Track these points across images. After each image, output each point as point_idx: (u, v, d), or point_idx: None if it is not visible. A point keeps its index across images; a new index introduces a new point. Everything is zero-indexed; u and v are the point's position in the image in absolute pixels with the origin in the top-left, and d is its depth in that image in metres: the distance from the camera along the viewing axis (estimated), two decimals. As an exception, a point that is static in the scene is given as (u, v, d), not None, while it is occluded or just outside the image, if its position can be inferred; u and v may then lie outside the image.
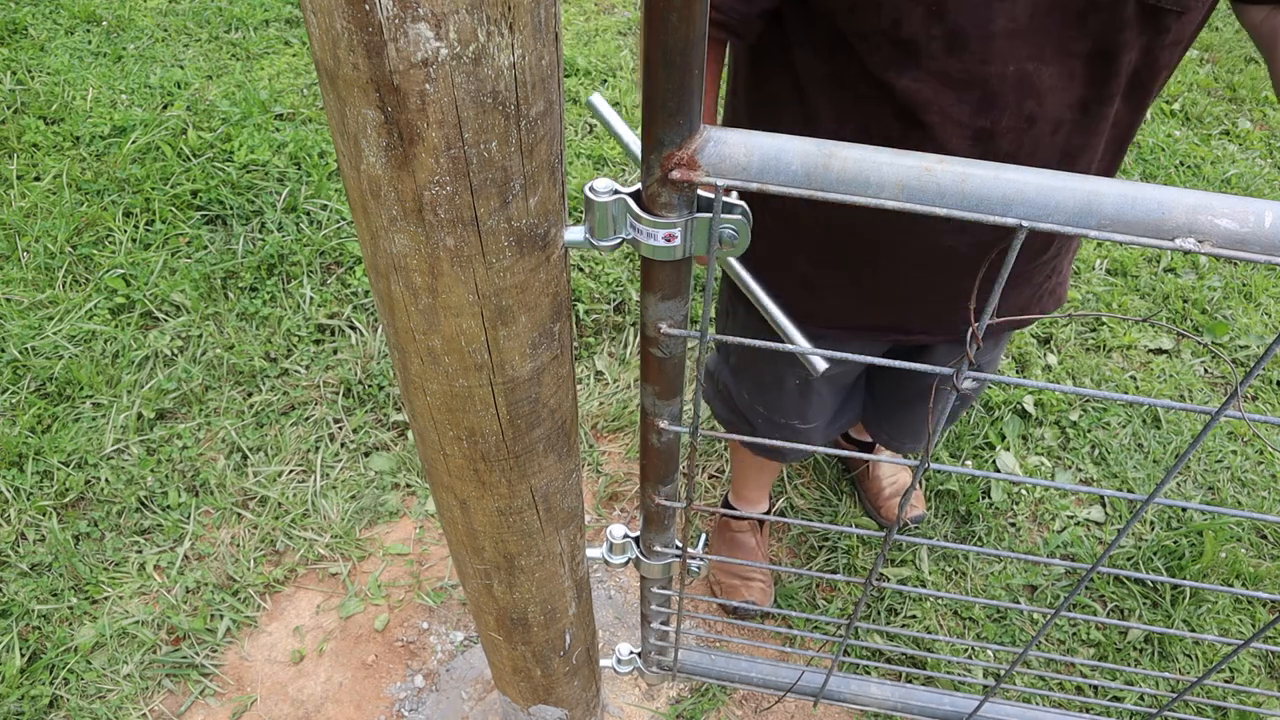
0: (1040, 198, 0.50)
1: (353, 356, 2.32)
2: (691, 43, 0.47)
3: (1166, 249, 0.49)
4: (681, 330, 0.65)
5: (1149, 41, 0.96)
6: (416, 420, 0.76)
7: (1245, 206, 0.49)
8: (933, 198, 0.51)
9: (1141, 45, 0.96)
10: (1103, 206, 0.50)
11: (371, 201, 0.56)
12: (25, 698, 1.73)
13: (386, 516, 2.04)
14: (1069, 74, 0.96)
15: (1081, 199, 0.50)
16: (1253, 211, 0.48)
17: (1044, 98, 0.98)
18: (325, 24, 0.47)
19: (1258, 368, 0.52)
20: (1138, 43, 0.96)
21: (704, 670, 1.16)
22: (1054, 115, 0.99)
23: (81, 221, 2.59)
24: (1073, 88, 0.98)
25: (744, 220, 0.56)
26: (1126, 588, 1.94)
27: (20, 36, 3.35)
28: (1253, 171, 3.05)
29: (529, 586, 0.94)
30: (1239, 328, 2.52)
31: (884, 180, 0.51)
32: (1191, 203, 0.49)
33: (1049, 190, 0.50)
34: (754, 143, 0.53)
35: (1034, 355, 2.41)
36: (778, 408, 1.47)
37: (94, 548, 1.96)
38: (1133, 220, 0.50)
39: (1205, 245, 0.49)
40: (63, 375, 2.22)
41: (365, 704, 1.76)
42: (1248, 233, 0.49)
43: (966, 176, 0.50)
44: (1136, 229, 0.50)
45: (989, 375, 0.55)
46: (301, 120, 3.03)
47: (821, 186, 0.52)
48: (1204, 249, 0.49)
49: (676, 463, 0.82)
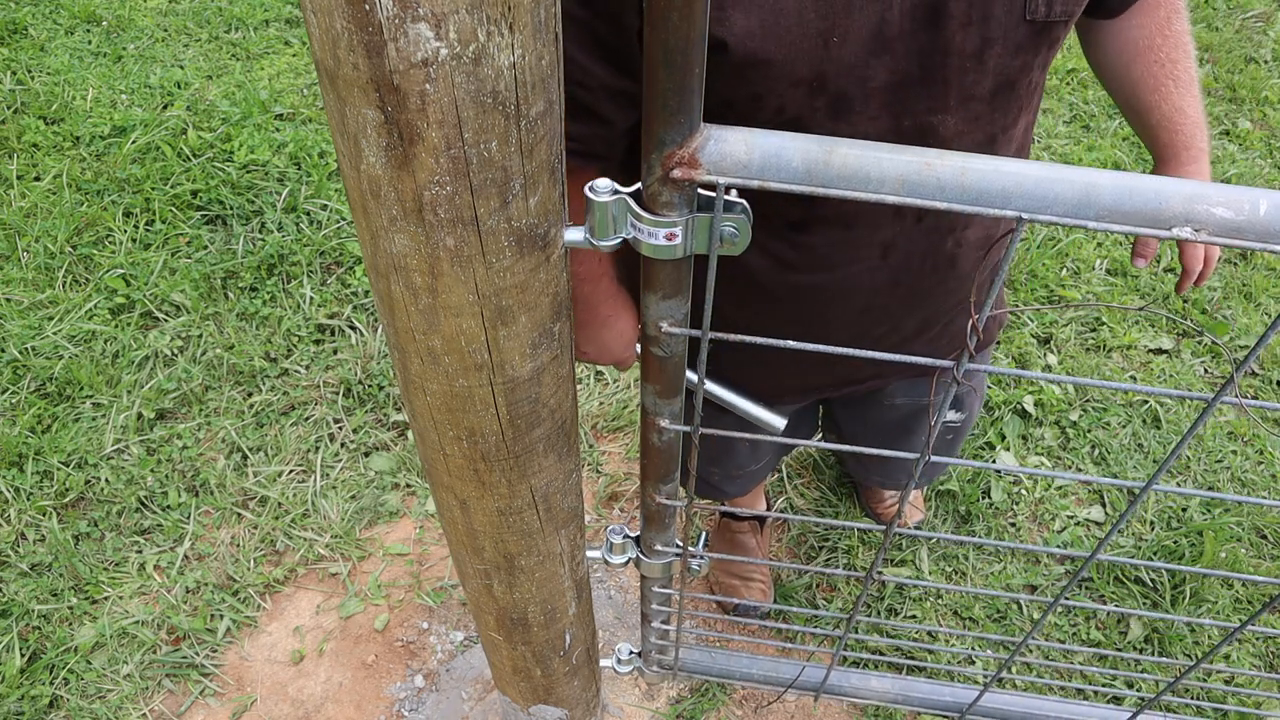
0: (1039, 190, 0.50)
1: (353, 356, 2.32)
2: (692, 42, 0.47)
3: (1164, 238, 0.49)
4: (682, 329, 0.65)
5: (1043, 57, 0.94)
6: (416, 420, 0.76)
7: (1240, 195, 0.49)
8: (933, 191, 0.51)
9: (1038, 64, 0.94)
10: (1101, 197, 0.50)
11: (371, 201, 0.56)
12: (25, 698, 1.73)
13: (386, 516, 2.04)
14: (973, 117, 0.93)
15: (1080, 190, 0.50)
16: (1247, 200, 0.49)
17: (950, 144, 0.94)
18: (325, 24, 0.47)
19: (1254, 352, 0.52)
20: (1034, 62, 0.93)
21: (705, 668, 1.16)
22: None
23: (81, 221, 2.59)
24: (978, 128, 0.95)
25: (745, 219, 0.56)
26: (1126, 587, 1.94)
27: (20, 36, 3.35)
28: (1252, 171, 3.05)
29: (529, 586, 0.94)
30: (1239, 328, 2.52)
31: (884, 175, 0.51)
32: (1188, 192, 0.49)
33: (1047, 182, 0.50)
34: (755, 140, 0.53)
35: (1034, 355, 2.41)
36: (730, 465, 1.52)
37: (94, 548, 1.96)
38: (1130, 211, 0.50)
39: (1202, 234, 0.49)
40: (63, 375, 2.22)
41: (365, 704, 1.76)
42: (1243, 220, 0.49)
43: (966, 170, 0.51)
44: (1134, 219, 0.50)
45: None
46: (301, 120, 3.03)
47: (822, 183, 0.52)
48: (1200, 238, 0.49)
49: (677, 462, 0.82)
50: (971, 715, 1.11)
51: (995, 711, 1.11)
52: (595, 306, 1.10)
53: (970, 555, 1.99)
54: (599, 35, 0.86)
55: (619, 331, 1.14)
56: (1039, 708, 1.12)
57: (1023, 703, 1.11)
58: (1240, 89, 3.39)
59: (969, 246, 1.07)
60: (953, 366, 0.61)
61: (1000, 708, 1.11)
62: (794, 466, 2.15)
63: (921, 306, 1.13)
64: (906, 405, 1.38)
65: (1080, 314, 2.52)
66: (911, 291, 1.09)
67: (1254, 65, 3.52)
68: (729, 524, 1.95)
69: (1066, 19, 0.92)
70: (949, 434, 1.52)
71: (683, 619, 1.05)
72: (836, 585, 1.95)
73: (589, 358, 1.16)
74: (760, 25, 0.83)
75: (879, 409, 1.40)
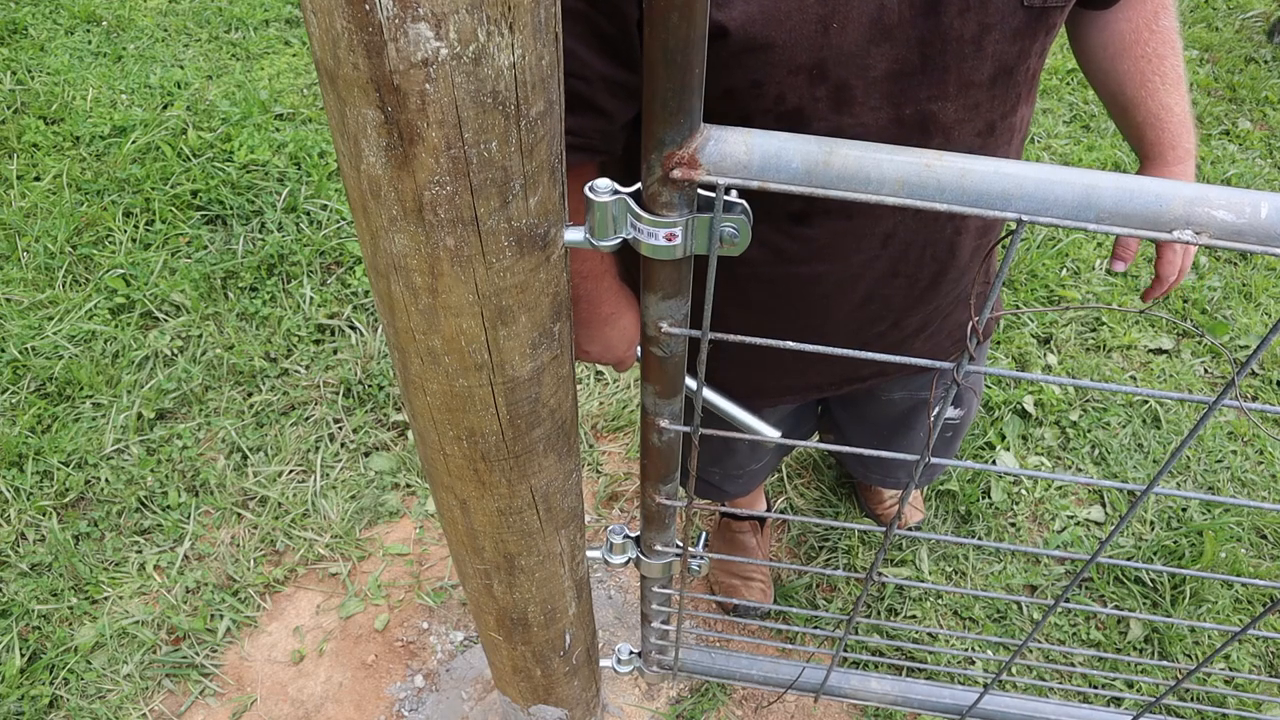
0: (1039, 192, 0.50)
1: (353, 356, 2.32)
2: (693, 42, 0.47)
3: (1164, 240, 0.49)
4: (682, 329, 0.65)
5: (1040, 44, 0.95)
6: (416, 420, 0.76)
7: (1241, 198, 0.49)
8: (933, 193, 0.51)
9: (1035, 50, 0.95)
10: (1101, 200, 0.50)
11: (371, 201, 0.56)
12: (25, 698, 1.73)
13: (386, 516, 2.04)
14: (973, 105, 0.94)
15: (1080, 193, 0.50)
16: (1249, 203, 0.49)
17: (950, 132, 0.95)
18: (325, 24, 0.47)
19: (1256, 355, 0.52)
20: (1032, 49, 0.94)
21: (705, 669, 1.16)
22: (964, 147, 0.97)
23: (81, 221, 2.59)
24: (979, 115, 0.96)
25: (744, 219, 0.56)
26: (1126, 587, 1.94)
27: (20, 36, 3.35)
28: (1252, 171, 3.05)
29: (529, 586, 0.94)
30: (1239, 328, 2.52)
31: (884, 176, 0.51)
32: (1189, 195, 0.49)
33: (1047, 184, 0.50)
34: (754, 141, 0.53)
35: (1034, 355, 2.41)
36: (730, 464, 1.53)
37: (94, 548, 1.96)
38: (1131, 213, 0.50)
39: (1203, 236, 0.49)
40: (63, 375, 2.22)
41: (365, 704, 1.76)
42: (1244, 224, 0.49)
43: (966, 172, 0.51)
44: (1134, 221, 0.50)
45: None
46: (301, 120, 3.03)
47: (822, 184, 0.52)
48: (1202, 240, 0.49)
49: (677, 462, 0.82)
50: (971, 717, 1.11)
51: (995, 714, 1.11)
52: (597, 304, 1.10)
53: (970, 555, 1.99)
54: (598, 27, 0.86)
55: (621, 329, 1.13)
56: (1039, 710, 1.12)
57: (1022, 705, 1.11)
58: (1240, 89, 3.39)
59: (968, 234, 1.08)
60: (953, 368, 0.61)
61: (1000, 710, 1.11)
62: (794, 467, 2.15)
63: (922, 299, 1.13)
64: (905, 401, 1.39)
65: (1080, 314, 2.52)
66: (911, 282, 1.09)
67: (1254, 65, 3.52)
68: (729, 524, 1.95)
69: (1062, 5, 0.93)
70: (948, 431, 1.52)
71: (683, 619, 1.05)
72: (836, 585, 1.95)
73: (591, 357, 1.16)
74: (760, 10, 0.84)
75: (877, 405, 1.40)
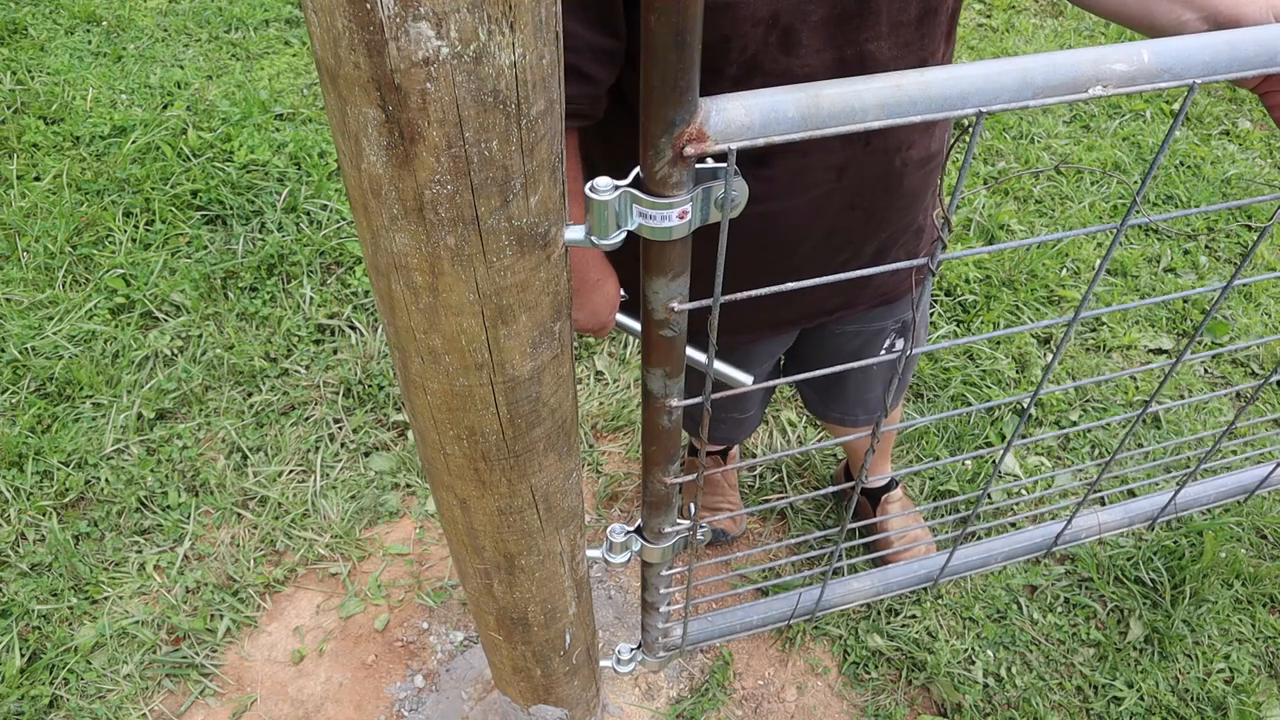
0: (988, 84, 0.58)
1: (353, 356, 2.32)
2: (695, 21, 0.49)
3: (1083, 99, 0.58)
4: (694, 301, 0.66)
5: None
6: (417, 419, 0.76)
7: (1130, 50, 0.59)
8: (906, 108, 0.58)
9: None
10: (1034, 78, 0.58)
11: (372, 200, 0.56)
12: (25, 698, 1.73)
13: (386, 516, 2.04)
14: (904, 43, 1.03)
15: (1017, 76, 0.58)
16: (1135, 52, 0.59)
17: (887, 68, 1.03)
18: (326, 23, 0.48)
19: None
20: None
21: (709, 634, 1.20)
22: None
23: (81, 221, 2.60)
24: (911, 53, 1.05)
25: (741, 179, 0.59)
26: (1126, 587, 1.94)
27: (20, 36, 3.35)
28: (1253, 171, 3.05)
29: (529, 586, 0.94)
30: (1239, 328, 2.52)
31: (866, 104, 0.57)
32: (1093, 57, 0.59)
33: (993, 76, 0.58)
34: (751, 102, 0.56)
35: (1034, 356, 2.41)
36: (717, 407, 1.66)
37: (94, 548, 1.96)
38: (1059, 83, 0.58)
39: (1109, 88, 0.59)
40: (63, 375, 2.22)
41: (365, 704, 1.76)
42: (1135, 70, 0.59)
43: (928, 84, 0.58)
44: (1062, 89, 0.59)
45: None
46: (301, 120, 3.03)
47: (817, 124, 0.57)
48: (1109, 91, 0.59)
49: (679, 441, 0.83)
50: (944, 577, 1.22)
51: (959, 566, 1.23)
52: (585, 271, 1.16)
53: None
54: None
55: (605, 294, 1.21)
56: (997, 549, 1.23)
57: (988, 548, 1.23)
58: (1240, 89, 3.39)
59: (913, 165, 1.17)
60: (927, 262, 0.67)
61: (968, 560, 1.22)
62: (794, 467, 2.15)
63: (878, 228, 1.21)
64: (856, 335, 1.46)
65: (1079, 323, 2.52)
66: (868, 214, 1.18)
67: (1254, 65, 3.52)
68: (693, 462, 2.03)
69: None
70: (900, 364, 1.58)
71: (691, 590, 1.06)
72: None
73: (579, 325, 1.22)
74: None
75: (832, 342, 1.47)
